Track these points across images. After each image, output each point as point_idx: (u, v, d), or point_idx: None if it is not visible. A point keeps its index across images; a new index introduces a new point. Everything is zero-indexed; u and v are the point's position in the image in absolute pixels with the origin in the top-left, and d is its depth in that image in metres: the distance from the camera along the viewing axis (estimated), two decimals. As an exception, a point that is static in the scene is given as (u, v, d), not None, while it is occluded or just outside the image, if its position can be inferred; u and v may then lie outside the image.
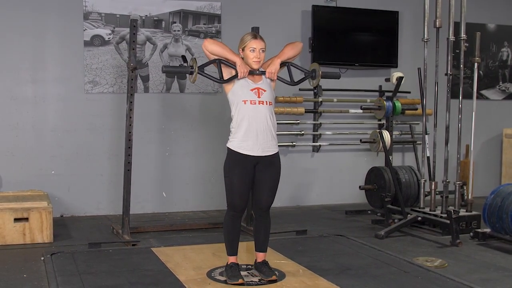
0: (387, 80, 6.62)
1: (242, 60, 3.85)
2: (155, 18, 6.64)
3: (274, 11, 7.05)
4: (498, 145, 8.06)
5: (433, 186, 5.84)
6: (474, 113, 5.75)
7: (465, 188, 6.18)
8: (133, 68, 5.15)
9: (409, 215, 5.78)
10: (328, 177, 7.36)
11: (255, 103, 3.82)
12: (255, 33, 3.99)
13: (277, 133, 3.96)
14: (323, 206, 7.18)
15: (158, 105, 6.68)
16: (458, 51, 5.98)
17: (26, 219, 5.12)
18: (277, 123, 3.98)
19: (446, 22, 5.76)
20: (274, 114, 3.92)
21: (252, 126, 3.81)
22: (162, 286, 3.86)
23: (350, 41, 7.24)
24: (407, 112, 6.91)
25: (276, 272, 4.01)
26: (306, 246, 4.93)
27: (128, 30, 5.87)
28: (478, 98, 6.48)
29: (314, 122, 7.18)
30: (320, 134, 7.22)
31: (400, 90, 6.59)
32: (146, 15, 6.61)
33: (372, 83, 7.39)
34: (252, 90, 3.85)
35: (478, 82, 6.03)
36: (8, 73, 6.20)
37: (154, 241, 5.27)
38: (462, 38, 5.69)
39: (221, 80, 3.87)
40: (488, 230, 5.32)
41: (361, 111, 6.67)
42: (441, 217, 5.59)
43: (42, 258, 4.53)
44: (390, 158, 6.31)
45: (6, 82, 6.20)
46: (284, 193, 6.97)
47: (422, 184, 5.96)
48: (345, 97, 7.26)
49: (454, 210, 5.53)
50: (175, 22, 6.69)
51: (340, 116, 7.30)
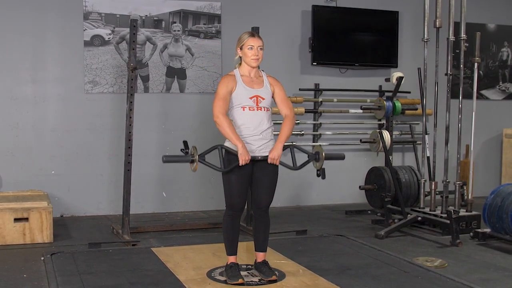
0: (387, 80, 6.61)
1: (244, 146, 3.76)
2: (155, 18, 6.64)
3: (274, 11, 7.05)
4: (498, 145, 8.06)
5: (433, 186, 5.84)
6: (474, 113, 5.75)
7: (465, 188, 6.17)
8: (133, 68, 5.15)
9: (409, 215, 5.77)
10: (328, 177, 7.31)
11: (254, 110, 3.82)
12: (253, 31, 3.98)
13: (276, 133, 3.96)
14: (323, 206, 7.18)
15: (158, 105, 6.68)
16: (458, 51, 5.98)
17: (26, 219, 5.12)
18: (277, 123, 3.98)
19: (446, 22, 5.76)
20: (271, 116, 3.92)
21: (250, 131, 3.81)
22: (162, 286, 3.85)
23: (350, 41, 7.24)
24: (407, 112, 6.91)
25: (276, 272, 4.01)
26: (306, 246, 4.93)
27: (128, 30, 5.87)
28: (478, 98, 6.48)
29: (314, 122, 7.18)
30: (320, 134, 7.22)
31: (400, 90, 6.58)
32: (146, 15, 6.61)
33: (372, 83, 7.39)
34: (251, 98, 3.83)
35: (478, 82, 6.03)
36: (8, 73, 6.20)
37: (154, 241, 5.27)
38: (462, 38, 5.69)
39: (221, 169, 3.82)
40: (488, 230, 5.32)
41: (361, 111, 6.67)
42: (441, 217, 5.59)
43: (42, 258, 4.53)
44: (390, 158, 6.31)
45: (6, 82, 6.21)
46: (284, 193, 6.98)
47: (422, 184, 5.96)
48: (345, 97, 7.25)
49: (454, 210, 5.53)
50: (175, 22, 6.70)
51: (340, 116, 7.30)
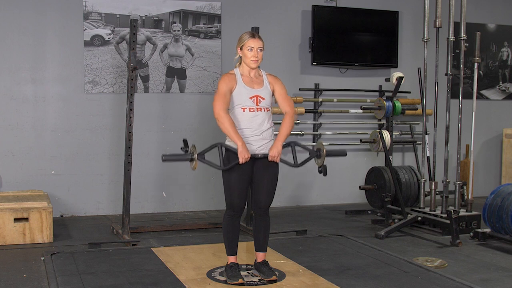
0: (387, 80, 6.61)
1: (244, 144, 3.76)
2: (155, 18, 6.64)
3: (274, 11, 7.05)
4: (498, 145, 8.06)
5: (433, 186, 5.84)
6: (474, 113, 5.75)
7: (465, 188, 6.18)
8: (133, 68, 5.14)
9: (409, 215, 5.77)
10: (328, 177, 7.35)
11: (254, 110, 3.82)
12: (253, 32, 3.98)
13: (276, 133, 3.96)
14: (323, 206, 7.18)
15: (158, 105, 6.68)
16: (458, 51, 5.98)
17: (26, 219, 5.12)
18: (277, 123, 3.98)
19: (446, 22, 5.76)
20: (272, 116, 3.93)
21: (250, 131, 3.81)
22: (162, 286, 3.85)
23: (350, 41, 7.24)
24: (407, 112, 6.90)
25: (276, 272, 4.01)
26: (306, 246, 4.93)
27: (128, 30, 5.88)
28: (478, 98, 6.49)
29: (314, 122, 7.18)
30: (320, 134, 7.22)
31: (400, 90, 6.59)
32: (146, 15, 6.61)
33: (372, 83, 7.39)
34: (251, 98, 3.83)
35: (478, 82, 6.03)
36: (8, 73, 6.20)
37: (154, 241, 5.27)
38: (462, 38, 5.69)
39: (221, 167, 3.83)
40: (488, 230, 5.32)
41: (361, 111, 6.67)
42: (441, 217, 5.59)
43: (42, 258, 4.53)
44: (390, 158, 6.31)
45: (6, 82, 6.21)
46: (284, 193, 6.98)
47: (422, 184, 5.96)
48: (345, 97, 7.25)
49: (454, 210, 5.53)
50: (175, 22, 6.70)
51: (340, 116, 7.30)
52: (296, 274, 4.12)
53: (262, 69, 4.02)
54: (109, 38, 6.48)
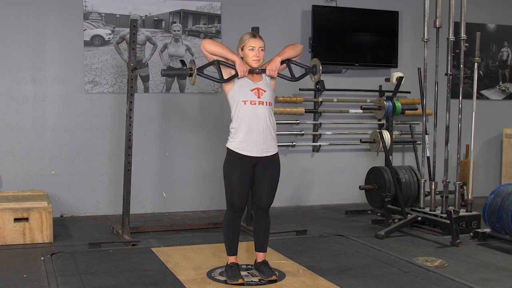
0: (387, 80, 6.62)
1: (241, 59, 3.85)
2: (155, 18, 6.64)
3: (274, 11, 7.05)
4: (498, 145, 8.06)
5: (433, 186, 5.84)
6: (474, 113, 5.75)
7: (465, 188, 6.17)
8: (133, 68, 5.15)
9: (409, 215, 5.78)
10: (328, 177, 7.36)
11: (255, 104, 3.82)
12: (254, 32, 3.99)
13: (277, 133, 3.96)
14: (323, 206, 7.18)
15: (158, 105, 6.68)
16: (458, 51, 5.98)
17: (26, 219, 5.12)
18: (277, 123, 3.99)
19: (446, 22, 5.76)
20: (274, 114, 3.93)
21: (251, 127, 3.81)
22: (162, 286, 3.86)
23: (350, 41, 7.24)
24: (407, 112, 6.91)
25: (276, 272, 4.01)
26: (306, 246, 4.93)
27: (128, 30, 5.88)
28: (478, 98, 6.49)
29: (314, 122, 7.18)
30: (320, 134, 7.22)
31: (400, 90, 6.59)
32: (146, 15, 6.61)
33: (372, 83, 7.39)
34: (252, 90, 3.85)
35: (478, 82, 6.03)
36: (8, 73, 6.20)
37: (154, 241, 5.27)
38: (462, 38, 5.69)
39: (221, 80, 3.87)
40: (488, 230, 5.32)
41: (361, 111, 6.68)
42: (441, 217, 5.59)
43: (42, 258, 4.53)
44: (390, 158, 6.31)
45: (6, 82, 6.21)
46: (284, 193, 6.98)
47: (422, 184, 5.96)
48: (345, 97, 7.26)
49: (454, 210, 5.53)
50: (175, 22, 6.70)
51: (340, 116, 7.30)
52: (296, 274, 4.12)
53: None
54: (109, 38, 6.48)
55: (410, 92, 7.34)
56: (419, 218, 5.73)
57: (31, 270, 4.32)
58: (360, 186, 6.58)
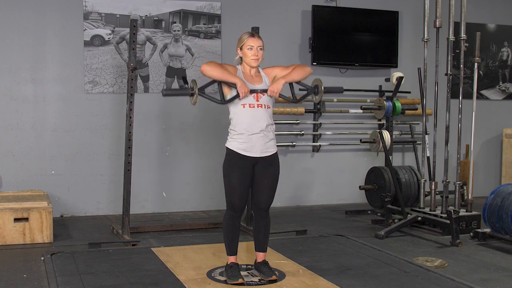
0: (387, 80, 6.62)
1: (243, 81, 3.81)
2: (155, 18, 6.64)
3: (274, 11, 7.05)
4: (498, 145, 8.06)
5: (433, 186, 5.84)
6: (474, 113, 5.75)
7: (465, 188, 6.17)
8: (133, 68, 5.15)
9: (409, 215, 5.77)
10: (328, 177, 7.36)
11: (254, 107, 3.83)
12: (253, 31, 3.99)
13: (277, 133, 3.97)
14: (323, 206, 7.18)
15: (158, 105, 6.68)
16: (458, 51, 5.98)
17: (26, 219, 5.12)
18: (277, 123, 3.99)
19: (446, 22, 5.76)
20: (272, 115, 3.93)
21: (251, 129, 3.81)
22: (162, 286, 3.85)
23: (350, 41, 7.24)
24: (407, 112, 6.91)
25: (276, 272, 4.01)
26: (306, 246, 4.93)
27: (128, 30, 5.88)
28: (478, 98, 6.49)
29: (314, 122, 7.18)
30: (320, 134, 7.21)
31: (400, 90, 6.59)
32: (146, 15, 6.61)
33: (372, 83, 7.39)
34: (251, 93, 3.84)
35: (478, 82, 6.03)
36: (8, 73, 6.20)
37: (154, 241, 5.27)
38: (462, 38, 5.69)
39: (221, 101, 3.85)
40: (488, 230, 5.32)
41: (361, 111, 6.68)
42: (441, 217, 5.59)
43: (42, 258, 4.53)
44: (390, 158, 6.31)
45: (6, 82, 6.21)
46: (284, 193, 6.98)
47: (422, 184, 5.96)
48: (345, 97, 7.25)
49: (454, 210, 5.53)
50: (175, 22, 6.70)
51: (340, 116, 7.30)
52: (296, 274, 4.12)
53: (263, 71, 4.03)
54: (109, 38, 6.48)
55: (410, 92, 7.34)
56: (419, 218, 5.73)
57: (31, 270, 4.32)
58: (360, 186, 6.58)
